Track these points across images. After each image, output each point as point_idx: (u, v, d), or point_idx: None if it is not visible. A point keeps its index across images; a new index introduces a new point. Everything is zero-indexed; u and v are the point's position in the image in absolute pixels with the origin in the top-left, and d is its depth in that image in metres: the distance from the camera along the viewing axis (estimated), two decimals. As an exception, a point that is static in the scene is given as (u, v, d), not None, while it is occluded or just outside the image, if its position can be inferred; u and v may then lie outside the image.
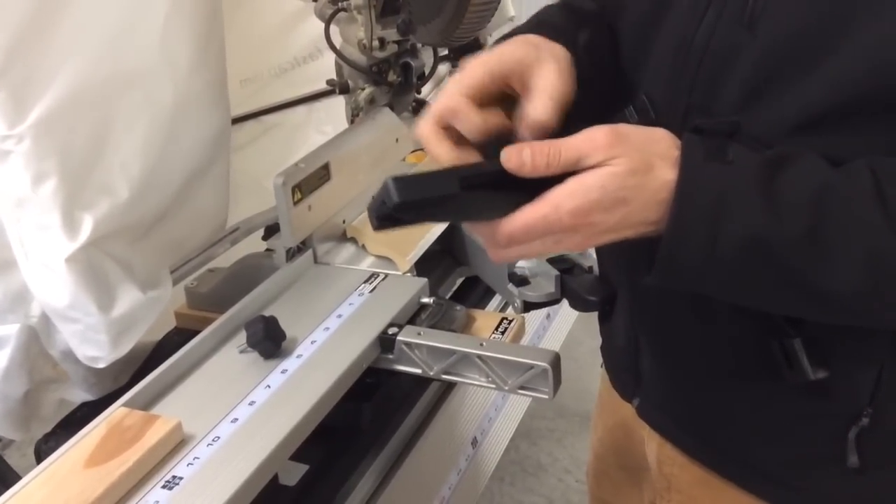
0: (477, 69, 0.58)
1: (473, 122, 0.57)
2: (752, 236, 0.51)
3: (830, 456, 0.66)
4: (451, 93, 0.57)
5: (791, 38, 0.55)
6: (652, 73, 0.65)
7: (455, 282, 1.20)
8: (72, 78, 0.87)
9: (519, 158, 0.52)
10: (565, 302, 0.99)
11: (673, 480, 0.80)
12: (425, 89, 1.53)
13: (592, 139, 0.52)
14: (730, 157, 0.52)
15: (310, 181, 1.02)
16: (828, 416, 0.65)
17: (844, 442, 0.64)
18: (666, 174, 0.52)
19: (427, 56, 1.33)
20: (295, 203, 1.00)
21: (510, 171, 0.53)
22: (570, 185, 0.52)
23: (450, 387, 1.03)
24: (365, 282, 0.98)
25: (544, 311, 1.27)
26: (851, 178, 0.52)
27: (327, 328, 0.89)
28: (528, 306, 0.98)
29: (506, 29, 1.56)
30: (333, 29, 1.22)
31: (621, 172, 0.52)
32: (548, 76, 0.57)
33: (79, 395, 1.03)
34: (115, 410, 0.77)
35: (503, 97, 0.60)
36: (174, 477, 0.70)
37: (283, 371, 0.83)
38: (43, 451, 0.95)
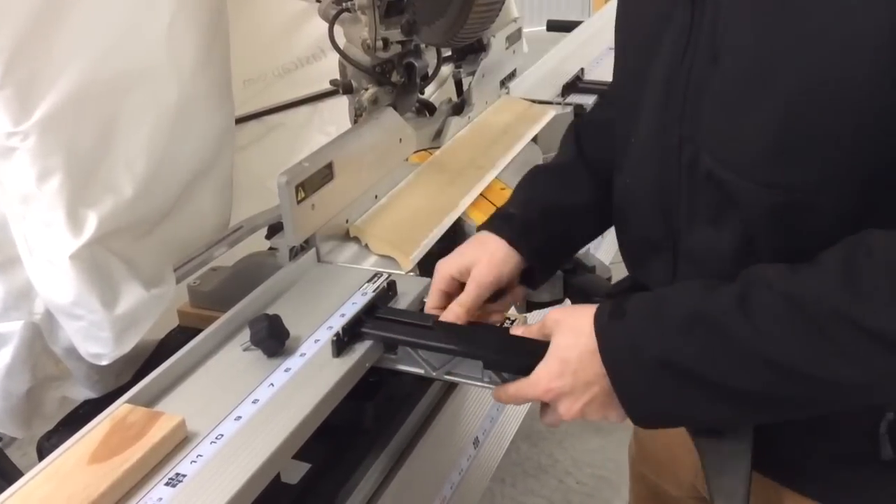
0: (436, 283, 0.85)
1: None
2: (660, 355, 0.62)
3: (864, 451, 0.67)
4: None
5: (743, 70, 0.60)
6: (646, 113, 0.71)
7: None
8: (77, 76, 0.87)
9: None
10: (568, 302, 0.99)
11: None
12: (429, 90, 1.54)
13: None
14: (626, 310, 0.65)
15: (313, 180, 1.03)
16: (855, 413, 0.66)
17: (876, 436, 0.66)
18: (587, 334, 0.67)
19: (431, 56, 1.33)
20: (298, 202, 1.00)
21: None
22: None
23: (452, 386, 1.03)
24: (368, 281, 0.98)
25: (546, 311, 1.27)
26: (715, 295, 0.62)
27: (330, 327, 0.89)
28: (531, 306, 0.98)
29: (509, 30, 1.56)
30: (337, 29, 1.22)
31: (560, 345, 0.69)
32: (471, 280, 0.82)
33: (81, 393, 1.04)
34: (119, 407, 0.77)
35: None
36: (177, 474, 0.70)
37: (287, 370, 0.83)
38: (45, 448, 0.95)
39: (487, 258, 0.82)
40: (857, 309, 0.55)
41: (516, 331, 0.77)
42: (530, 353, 0.72)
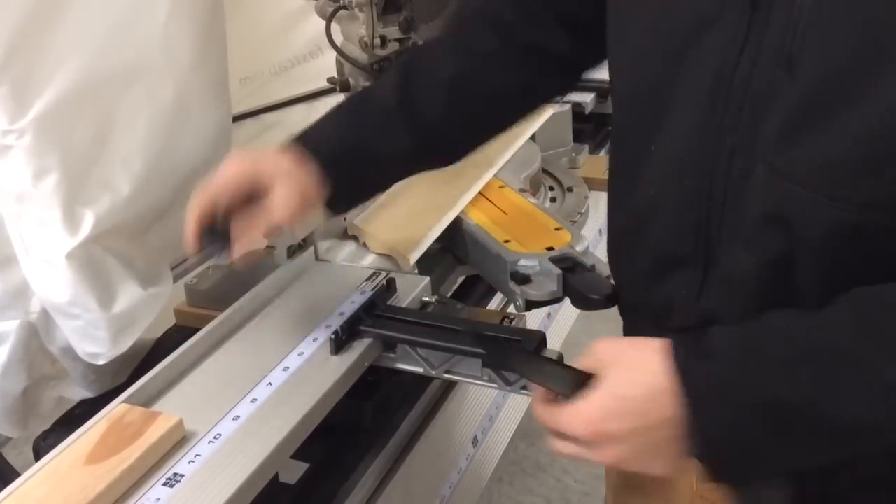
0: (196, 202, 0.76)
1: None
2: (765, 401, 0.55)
3: (891, 476, 0.64)
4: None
5: (830, 78, 0.55)
6: (679, 123, 0.65)
7: (456, 280, 1.19)
8: (73, 73, 0.86)
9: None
10: (566, 301, 0.98)
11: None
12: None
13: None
14: (713, 350, 0.57)
15: (311, 178, 1.02)
16: None
17: None
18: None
19: (429, 54, 1.32)
20: (296, 200, 0.99)
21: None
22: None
23: (451, 385, 1.03)
24: (366, 280, 0.98)
25: (545, 309, 1.27)
26: (821, 323, 0.56)
27: (329, 326, 0.88)
28: (530, 305, 0.98)
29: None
30: (334, 27, 1.21)
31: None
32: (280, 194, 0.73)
33: (78, 393, 1.03)
34: (116, 407, 0.76)
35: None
36: (175, 474, 0.70)
37: (285, 368, 0.83)
38: (42, 448, 0.94)
39: (291, 181, 0.74)
40: None
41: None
42: (546, 360, 0.68)
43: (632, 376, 0.59)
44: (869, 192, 0.55)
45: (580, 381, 0.61)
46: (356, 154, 0.80)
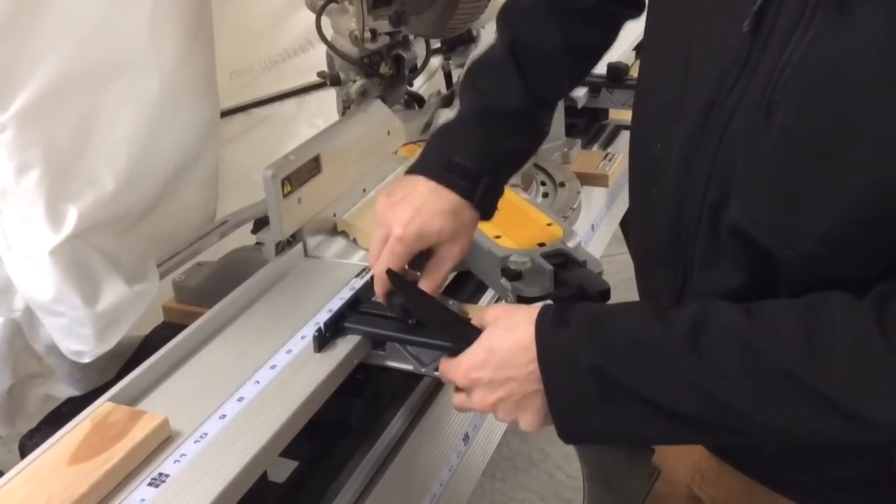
0: (406, 251, 0.77)
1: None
2: (594, 364, 0.62)
3: (877, 476, 0.66)
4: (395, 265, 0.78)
5: (801, 137, 0.55)
6: (678, 136, 0.65)
7: (447, 276, 1.18)
8: (56, 67, 0.85)
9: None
10: (559, 297, 0.98)
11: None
12: (417, 82, 1.52)
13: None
14: (570, 320, 0.64)
15: (300, 174, 1.01)
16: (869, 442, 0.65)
17: (891, 461, 0.64)
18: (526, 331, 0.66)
19: (419, 48, 1.32)
20: (285, 196, 0.98)
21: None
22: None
23: (441, 382, 1.02)
24: (356, 276, 0.97)
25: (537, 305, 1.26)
26: (665, 323, 0.61)
27: (317, 323, 0.87)
28: (522, 301, 0.97)
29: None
30: (325, 20, 1.20)
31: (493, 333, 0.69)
32: (449, 262, 0.80)
33: (64, 390, 1.02)
34: (101, 406, 0.75)
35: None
36: (160, 474, 0.69)
37: (273, 367, 0.82)
38: (27, 446, 0.93)
39: (463, 246, 0.79)
40: (813, 375, 0.55)
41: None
42: (454, 315, 0.75)
43: (503, 334, 0.67)
44: (837, 255, 0.57)
45: (468, 336, 0.70)
46: (500, 166, 0.82)
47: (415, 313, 0.80)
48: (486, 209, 0.81)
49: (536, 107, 0.82)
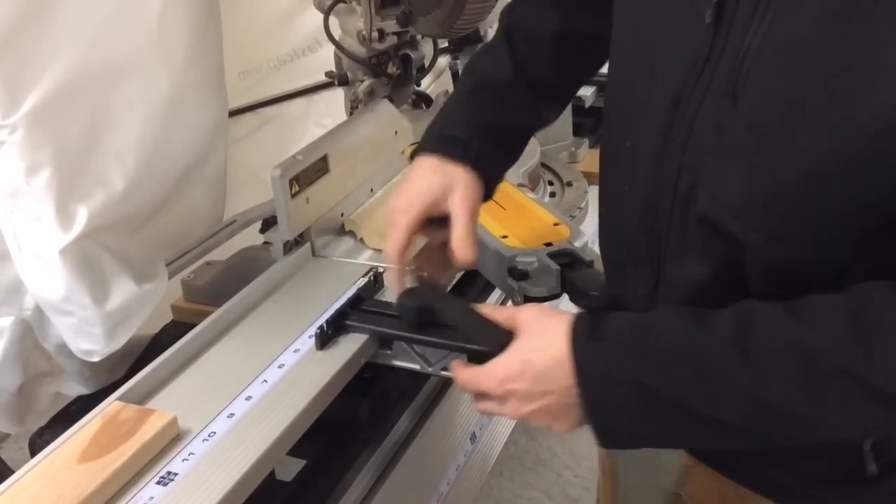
0: (406, 219, 0.77)
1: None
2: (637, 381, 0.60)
3: (850, 469, 0.66)
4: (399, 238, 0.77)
5: (766, 120, 0.56)
6: (646, 129, 0.66)
7: (454, 276, 1.18)
8: (66, 68, 0.86)
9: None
10: (565, 297, 0.98)
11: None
12: (425, 81, 1.52)
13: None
14: (606, 335, 0.63)
15: (308, 173, 1.01)
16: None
17: (861, 453, 0.65)
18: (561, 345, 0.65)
19: (427, 48, 1.32)
20: (293, 195, 0.99)
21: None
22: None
23: (448, 381, 1.02)
24: (363, 276, 0.97)
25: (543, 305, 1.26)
26: (706, 329, 0.60)
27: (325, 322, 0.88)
28: (529, 301, 0.97)
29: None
30: (333, 20, 1.21)
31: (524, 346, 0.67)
32: (459, 208, 0.76)
33: (74, 389, 1.03)
34: (110, 404, 0.76)
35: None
36: (169, 473, 0.69)
37: (281, 366, 0.82)
38: (38, 444, 0.94)
39: (462, 190, 0.77)
40: (869, 371, 0.54)
41: (485, 309, 0.74)
42: (481, 317, 0.72)
43: (539, 345, 0.66)
44: (798, 234, 0.58)
45: (501, 342, 0.68)
46: (491, 133, 0.82)
47: (444, 317, 0.78)
48: (484, 172, 0.80)
49: (528, 87, 0.83)
